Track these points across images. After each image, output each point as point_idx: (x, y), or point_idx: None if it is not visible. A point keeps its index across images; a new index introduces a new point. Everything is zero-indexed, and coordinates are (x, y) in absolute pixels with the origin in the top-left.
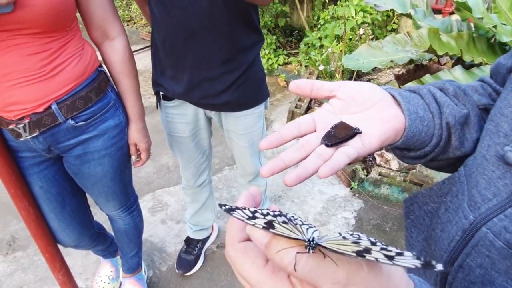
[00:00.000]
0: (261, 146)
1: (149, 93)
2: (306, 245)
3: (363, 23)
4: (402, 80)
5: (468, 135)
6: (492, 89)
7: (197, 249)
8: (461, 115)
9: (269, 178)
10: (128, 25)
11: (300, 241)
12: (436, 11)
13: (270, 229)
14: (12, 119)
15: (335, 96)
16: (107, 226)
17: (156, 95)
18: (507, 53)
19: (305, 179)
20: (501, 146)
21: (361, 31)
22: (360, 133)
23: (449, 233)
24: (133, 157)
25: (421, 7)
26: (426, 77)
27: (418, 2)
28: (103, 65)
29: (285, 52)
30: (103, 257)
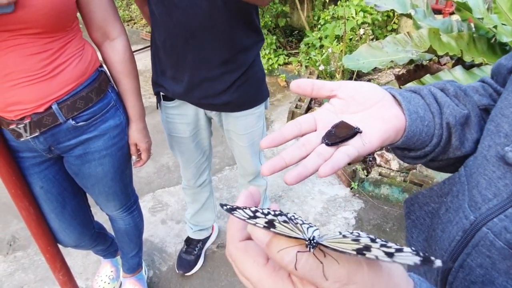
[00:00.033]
0: (262, 145)
1: (149, 93)
2: (307, 244)
3: (363, 23)
4: (402, 80)
5: (469, 135)
6: (493, 89)
7: (197, 249)
8: (461, 116)
9: (269, 178)
10: (128, 25)
11: (301, 240)
12: (436, 11)
13: (271, 229)
14: (13, 119)
15: (335, 96)
16: (108, 226)
17: (156, 95)
18: (508, 53)
19: (306, 177)
20: (502, 146)
21: (361, 31)
22: (361, 132)
23: (449, 233)
24: (133, 157)
25: (421, 7)
26: (427, 77)
27: (419, 2)
28: (104, 65)
29: (285, 52)
30: (104, 257)
